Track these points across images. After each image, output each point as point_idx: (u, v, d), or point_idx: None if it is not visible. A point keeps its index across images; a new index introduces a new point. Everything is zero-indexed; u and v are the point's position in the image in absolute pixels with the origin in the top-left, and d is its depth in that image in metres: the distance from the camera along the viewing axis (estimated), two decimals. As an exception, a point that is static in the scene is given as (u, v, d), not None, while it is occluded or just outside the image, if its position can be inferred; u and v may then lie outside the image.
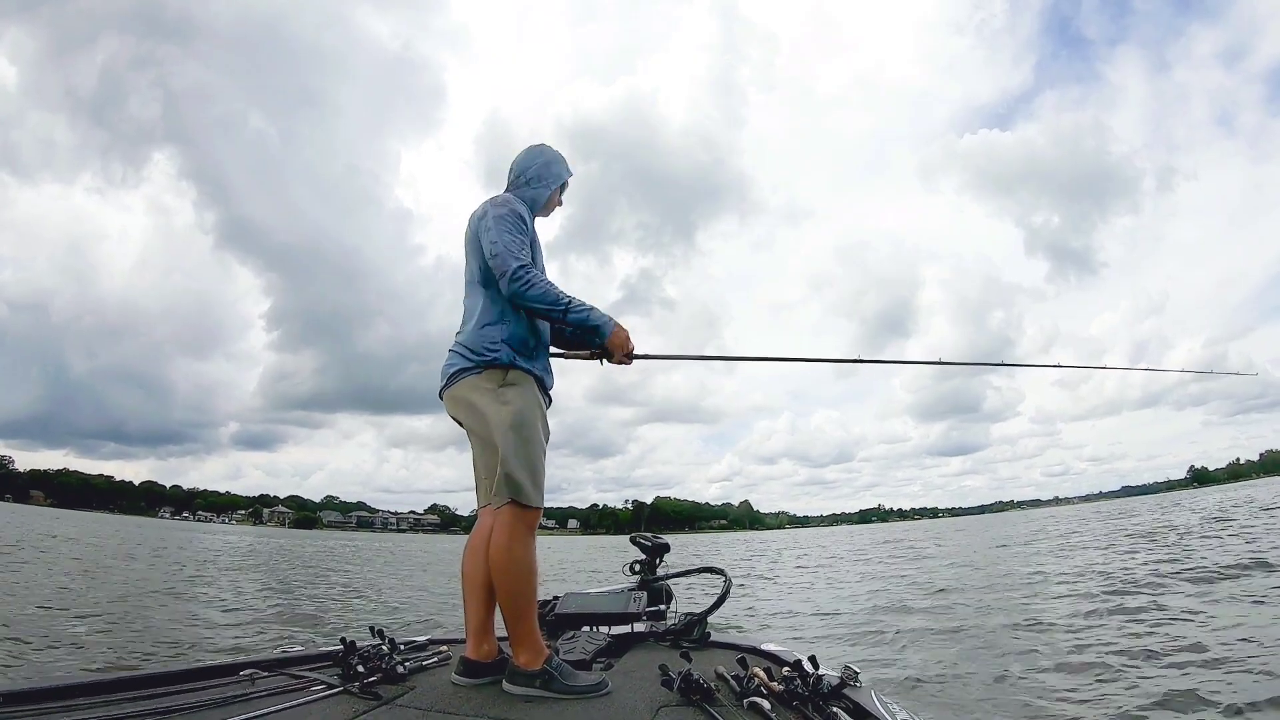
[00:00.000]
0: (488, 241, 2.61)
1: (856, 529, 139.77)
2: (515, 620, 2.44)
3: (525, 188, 2.86)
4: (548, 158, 2.92)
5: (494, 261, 2.57)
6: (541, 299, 2.54)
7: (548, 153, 2.94)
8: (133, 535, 39.14)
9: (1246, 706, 4.41)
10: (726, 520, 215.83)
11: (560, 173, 2.93)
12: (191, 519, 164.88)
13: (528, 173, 2.87)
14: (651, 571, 3.82)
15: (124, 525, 65.29)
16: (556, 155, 2.94)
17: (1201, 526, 19.80)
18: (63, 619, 8.19)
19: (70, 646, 6.72)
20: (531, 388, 2.61)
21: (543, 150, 2.95)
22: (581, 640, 3.14)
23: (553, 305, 2.55)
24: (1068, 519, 47.93)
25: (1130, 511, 43.95)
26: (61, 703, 2.02)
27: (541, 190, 2.88)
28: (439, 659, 2.82)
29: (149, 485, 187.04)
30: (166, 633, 7.83)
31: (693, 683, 2.19)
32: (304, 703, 2.18)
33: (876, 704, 2.16)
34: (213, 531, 71.75)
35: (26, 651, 6.34)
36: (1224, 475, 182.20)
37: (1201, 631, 6.48)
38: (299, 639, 7.90)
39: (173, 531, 55.56)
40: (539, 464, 2.54)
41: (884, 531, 79.51)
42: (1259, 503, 30.93)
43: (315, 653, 2.85)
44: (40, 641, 6.77)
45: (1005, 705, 5.02)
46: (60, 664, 6.04)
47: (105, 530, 43.13)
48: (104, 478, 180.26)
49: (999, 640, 7.05)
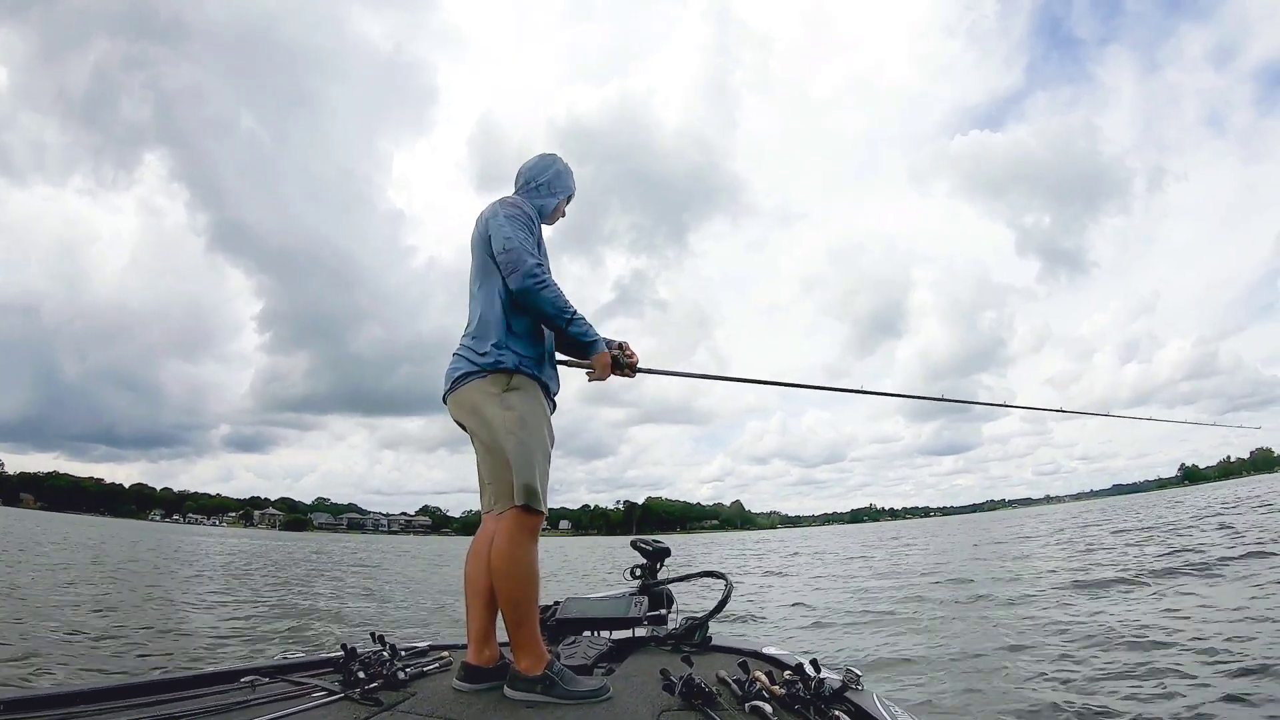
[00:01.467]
0: (501, 238, 2.60)
1: (848, 529, 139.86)
2: (517, 625, 2.43)
3: (535, 194, 2.87)
4: (559, 168, 2.95)
5: (506, 257, 2.56)
6: (552, 303, 2.55)
7: (559, 163, 2.97)
8: (121, 539, 38.89)
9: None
10: (718, 521, 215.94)
11: (569, 184, 2.97)
12: (182, 521, 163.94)
13: (539, 179, 2.89)
14: (652, 576, 3.83)
15: (112, 529, 64.79)
16: (567, 168, 2.98)
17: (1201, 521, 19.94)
18: (57, 625, 8.14)
19: (70, 653, 6.66)
20: (536, 392, 2.61)
21: (555, 160, 2.97)
22: (583, 645, 3.15)
23: (560, 312, 2.57)
24: (1060, 517, 48.15)
25: (1125, 508, 44.25)
26: (62, 710, 2.02)
27: (550, 199, 2.90)
28: (440, 665, 2.81)
29: (139, 488, 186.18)
30: (159, 643, 7.79)
31: (694, 687, 2.19)
32: (305, 709, 2.18)
33: (879, 707, 2.16)
34: (203, 534, 71.30)
35: (27, 658, 6.30)
36: (1215, 473, 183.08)
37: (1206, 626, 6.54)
38: (300, 645, 7.88)
39: (163, 535, 55.10)
40: (543, 469, 2.54)
41: (875, 531, 79.71)
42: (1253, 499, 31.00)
43: (316, 659, 2.84)
44: (36, 649, 6.72)
45: (1005, 705, 5.03)
46: (60, 671, 5.99)
47: (95, 535, 42.77)
48: (94, 480, 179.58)
49: (996, 640, 7.06)
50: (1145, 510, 37.61)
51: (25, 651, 6.46)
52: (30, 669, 5.89)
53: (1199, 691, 4.82)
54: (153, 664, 6.54)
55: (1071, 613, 8.17)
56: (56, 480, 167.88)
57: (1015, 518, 73.78)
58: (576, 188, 3.03)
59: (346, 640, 2.77)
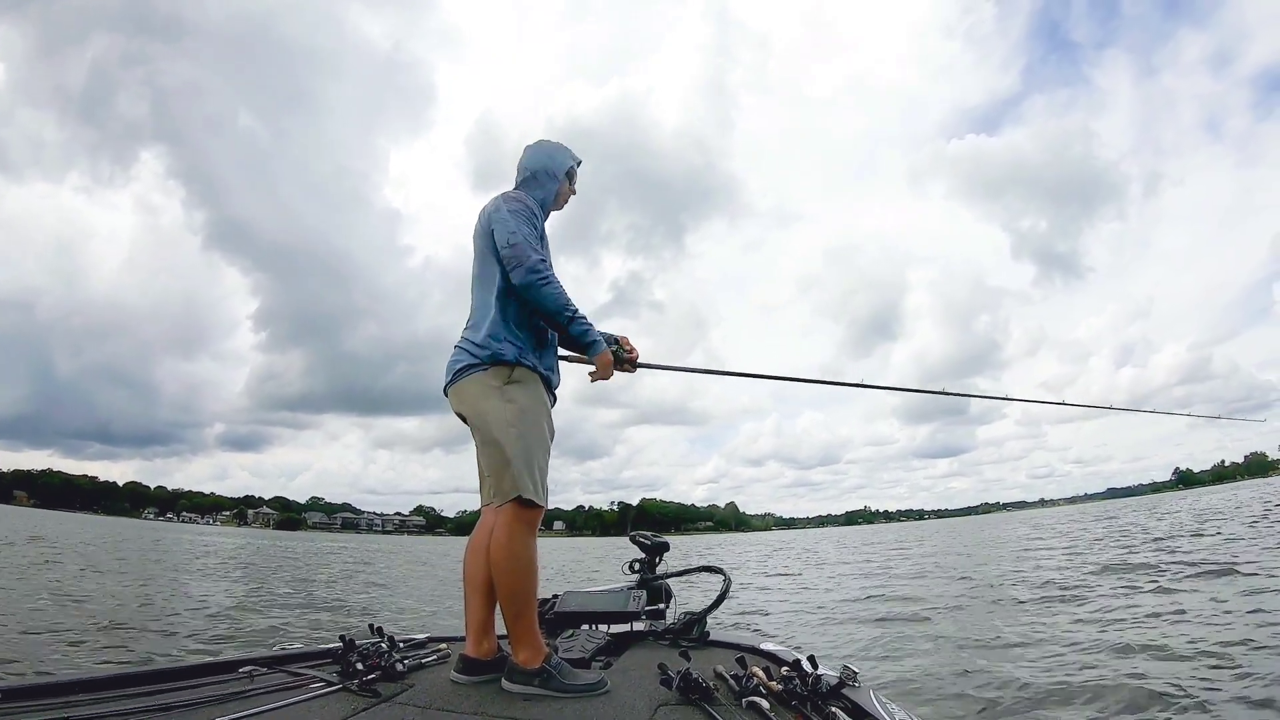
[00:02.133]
0: (505, 231, 2.59)
1: (844, 530, 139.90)
2: (515, 618, 2.44)
3: (535, 185, 2.85)
4: (549, 150, 2.91)
5: (509, 250, 2.56)
6: (554, 299, 2.55)
7: (548, 145, 2.94)
8: (113, 536, 38.75)
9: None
10: (713, 522, 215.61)
11: (564, 160, 2.92)
12: (176, 520, 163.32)
13: (534, 168, 2.87)
14: (651, 570, 3.83)
15: (105, 526, 64.50)
16: (558, 146, 2.94)
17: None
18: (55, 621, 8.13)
19: (69, 644, 6.67)
20: (537, 386, 2.61)
21: (543, 144, 2.94)
22: (581, 638, 3.15)
23: (561, 309, 2.56)
24: (1054, 519, 48.21)
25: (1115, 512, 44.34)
26: (62, 699, 2.02)
27: (551, 185, 2.87)
28: (438, 657, 2.82)
29: (133, 486, 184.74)
30: (155, 633, 7.79)
31: (692, 682, 2.20)
32: (303, 700, 2.18)
33: (875, 704, 2.17)
34: (195, 533, 70.93)
35: (27, 647, 6.32)
36: (1209, 477, 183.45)
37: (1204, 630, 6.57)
38: (298, 636, 7.88)
39: (158, 534, 54.80)
40: (542, 463, 2.55)
41: (872, 533, 79.79)
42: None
43: (314, 650, 2.85)
44: (39, 639, 6.75)
45: (1003, 704, 5.05)
46: (60, 661, 6.00)
47: (87, 534, 42.59)
48: (88, 478, 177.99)
49: (994, 639, 7.08)
50: (1132, 515, 37.74)
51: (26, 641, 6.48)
52: (30, 658, 5.90)
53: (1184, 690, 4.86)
54: (151, 654, 6.53)
55: (1056, 615, 8.23)
56: (50, 478, 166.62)
57: (1009, 521, 73.90)
58: (578, 160, 2.98)
59: (345, 632, 2.77)
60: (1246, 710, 4.43)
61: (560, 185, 2.91)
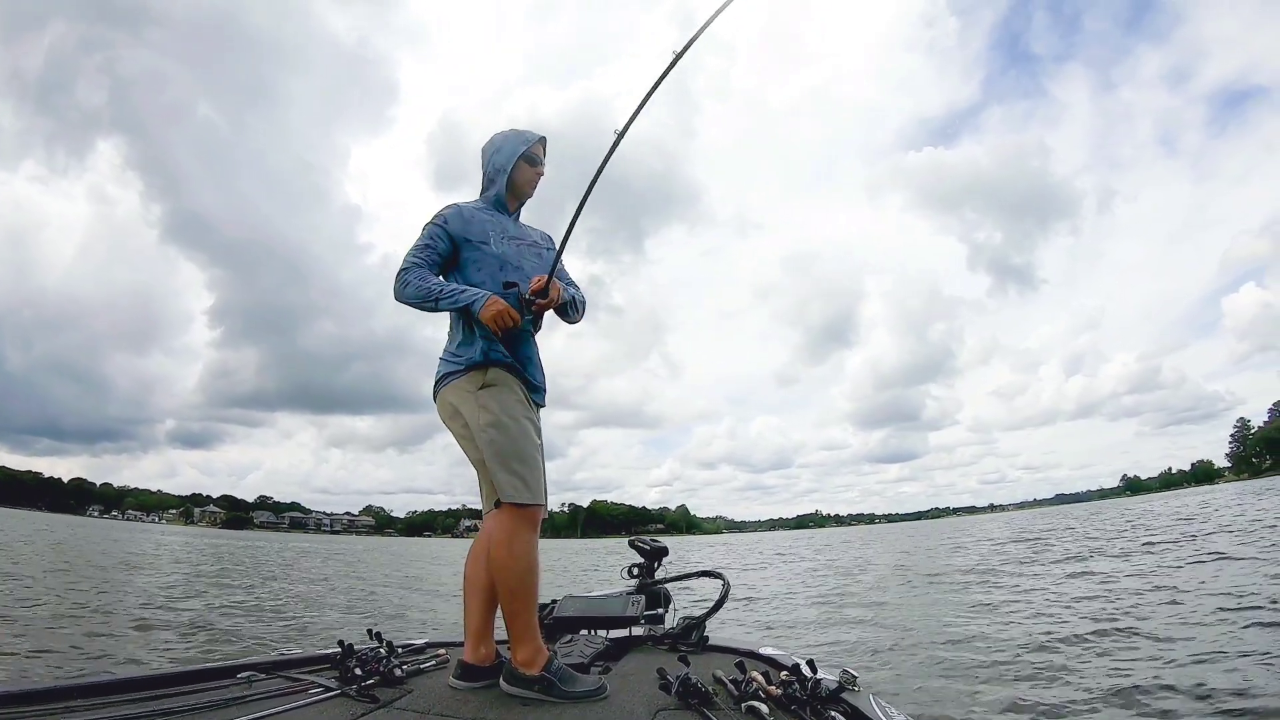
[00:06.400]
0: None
1: (796, 534, 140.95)
2: (514, 617, 2.44)
3: (490, 185, 2.83)
4: (496, 144, 2.84)
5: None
6: (414, 296, 2.55)
7: (496, 139, 2.86)
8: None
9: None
10: (664, 525, 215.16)
11: (512, 148, 2.81)
12: (120, 518, 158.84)
13: (485, 171, 2.85)
14: (650, 575, 3.85)
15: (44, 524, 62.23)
16: (506, 136, 2.85)
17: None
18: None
19: (66, 650, 6.59)
20: (513, 385, 2.59)
21: (492, 139, 2.88)
22: (580, 643, 3.16)
23: (424, 300, 2.54)
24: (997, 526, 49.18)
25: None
26: (60, 704, 2.01)
27: (501, 178, 2.81)
28: (437, 662, 2.82)
29: (78, 482, 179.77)
30: (143, 640, 7.61)
31: (691, 687, 2.19)
32: (301, 705, 2.18)
33: (874, 708, 2.18)
34: (140, 531, 68.83)
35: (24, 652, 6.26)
36: (1156, 484, 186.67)
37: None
38: (297, 642, 7.83)
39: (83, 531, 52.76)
40: (528, 460, 2.52)
41: (824, 536, 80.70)
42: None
43: (313, 655, 2.84)
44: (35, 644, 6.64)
45: (1002, 705, 5.11)
46: (57, 667, 5.94)
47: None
48: (32, 474, 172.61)
49: (988, 639, 7.13)
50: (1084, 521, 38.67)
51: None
52: (27, 664, 5.88)
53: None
54: (147, 660, 6.49)
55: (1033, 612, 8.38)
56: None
57: (960, 525, 75.23)
58: (534, 138, 2.84)
59: (343, 637, 2.76)
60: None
61: (516, 174, 2.82)
